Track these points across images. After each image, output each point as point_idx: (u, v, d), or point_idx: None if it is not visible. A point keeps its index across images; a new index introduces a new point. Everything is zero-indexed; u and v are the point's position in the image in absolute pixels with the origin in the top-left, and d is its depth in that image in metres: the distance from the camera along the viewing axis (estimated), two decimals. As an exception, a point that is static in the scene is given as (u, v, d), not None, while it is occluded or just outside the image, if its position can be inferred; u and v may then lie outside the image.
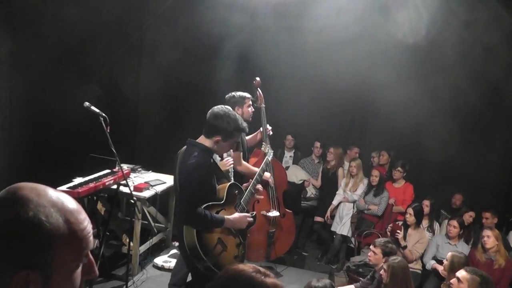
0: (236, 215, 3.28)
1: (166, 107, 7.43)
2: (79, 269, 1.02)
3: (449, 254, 4.47)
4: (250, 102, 4.48)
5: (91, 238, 1.04)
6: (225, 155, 3.92)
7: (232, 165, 4.00)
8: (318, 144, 6.89)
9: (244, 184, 3.66)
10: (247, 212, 3.46)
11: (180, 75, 7.11)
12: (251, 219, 3.39)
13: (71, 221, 0.99)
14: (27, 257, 0.93)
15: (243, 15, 6.41)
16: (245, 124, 3.29)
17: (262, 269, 1.47)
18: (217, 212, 3.19)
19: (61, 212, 0.98)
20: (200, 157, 3.07)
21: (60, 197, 1.02)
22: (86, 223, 1.03)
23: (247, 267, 1.47)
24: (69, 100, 5.06)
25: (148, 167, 6.07)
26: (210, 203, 3.14)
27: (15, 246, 0.92)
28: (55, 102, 5.28)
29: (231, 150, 3.93)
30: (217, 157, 3.89)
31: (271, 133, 4.84)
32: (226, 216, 3.19)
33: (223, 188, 3.29)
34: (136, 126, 7.66)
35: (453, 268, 4.18)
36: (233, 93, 4.43)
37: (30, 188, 0.99)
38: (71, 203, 1.02)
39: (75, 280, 1.02)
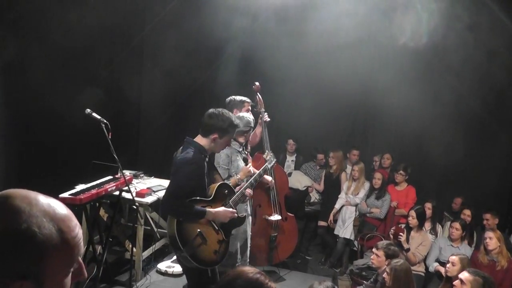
0: (220, 208, 3.38)
1: (168, 111, 7.45)
2: (70, 274, 1.04)
3: (456, 258, 4.39)
4: (249, 107, 4.55)
5: (82, 244, 1.05)
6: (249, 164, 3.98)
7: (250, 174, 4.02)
8: (321, 156, 6.93)
9: (237, 187, 3.74)
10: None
11: (183, 78, 7.15)
12: (236, 215, 3.47)
13: (63, 230, 0.99)
14: (20, 268, 0.94)
15: (245, 19, 6.44)
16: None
17: (263, 273, 1.53)
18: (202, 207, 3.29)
19: (53, 221, 0.98)
20: (192, 154, 3.22)
21: (51, 204, 1.01)
22: (77, 230, 1.04)
23: (252, 269, 1.51)
24: (72, 104, 5.09)
25: (150, 173, 6.09)
26: (197, 197, 3.25)
27: (8, 258, 0.92)
28: (58, 107, 5.31)
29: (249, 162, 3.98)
30: (240, 163, 4.01)
31: (268, 119, 4.89)
32: (207, 209, 3.27)
33: (213, 187, 3.42)
34: (138, 131, 7.68)
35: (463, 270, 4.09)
36: (233, 97, 4.59)
37: (22, 197, 0.99)
38: (62, 210, 1.03)
39: (66, 285, 1.03)
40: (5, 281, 0.93)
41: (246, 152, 4.36)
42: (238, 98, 4.58)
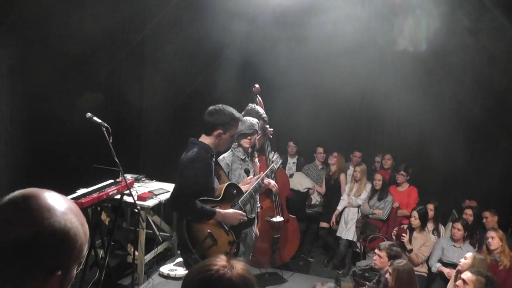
0: (230, 210, 3.35)
1: (169, 114, 7.45)
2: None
3: (471, 254, 4.31)
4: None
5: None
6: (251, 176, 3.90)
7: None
8: (321, 149, 6.86)
9: (244, 187, 3.70)
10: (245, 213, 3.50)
11: (182, 81, 7.17)
12: (245, 218, 3.44)
13: (82, 223, 1.08)
14: (56, 261, 1.01)
15: (245, 23, 6.45)
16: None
17: (229, 262, 1.38)
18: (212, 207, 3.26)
19: (77, 216, 1.07)
20: (197, 152, 3.20)
21: (67, 201, 1.09)
22: (86, 223, 1.12)
23: (214, 261, 1.38)
24: (73, 109, 5.12)
25: (152, 177, 6.09)
26: (205, 197, 3.22)
27: (49, 253, 0.99)
28: (59, 112, 5.33)
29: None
30: (240, 172, 3.98)
31: (271, 135, 4.88)
32: (217, 209, 3.24)
33: (221, 187, 3.39)
34: (139, 135, 7.69)
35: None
36: (256, 108, 4.47)
37: (47, 196, 1.05)
38: (75, 205, 1.11)
39: (73, 274, 1.10)
40: (43, 273, 1.00)
41: (254, 160, 4.30)
42: (258, 110, 4.45)
